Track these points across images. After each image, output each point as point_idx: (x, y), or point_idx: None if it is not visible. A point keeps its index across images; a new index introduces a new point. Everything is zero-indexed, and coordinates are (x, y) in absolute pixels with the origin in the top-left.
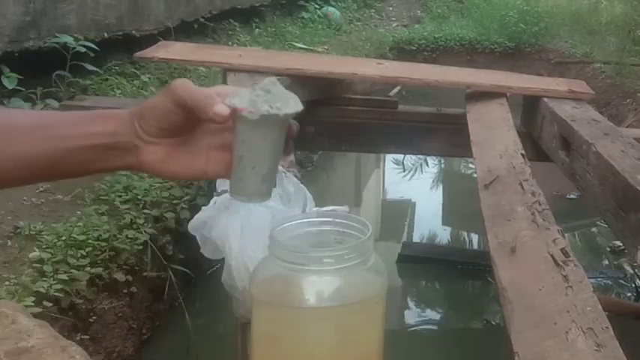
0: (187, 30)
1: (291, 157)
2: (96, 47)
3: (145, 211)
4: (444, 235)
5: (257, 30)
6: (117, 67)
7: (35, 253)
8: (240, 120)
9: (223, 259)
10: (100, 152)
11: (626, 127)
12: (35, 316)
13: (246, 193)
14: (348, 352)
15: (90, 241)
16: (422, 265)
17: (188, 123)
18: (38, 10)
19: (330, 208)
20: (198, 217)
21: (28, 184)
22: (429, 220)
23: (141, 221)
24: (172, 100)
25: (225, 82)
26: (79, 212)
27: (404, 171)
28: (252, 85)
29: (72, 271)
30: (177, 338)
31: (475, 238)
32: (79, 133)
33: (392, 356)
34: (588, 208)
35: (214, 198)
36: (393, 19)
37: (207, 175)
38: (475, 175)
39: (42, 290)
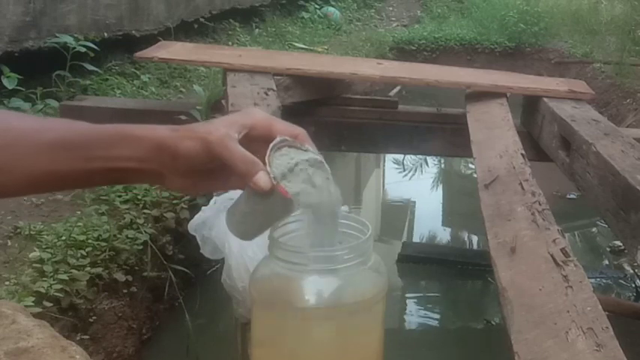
0: (187, 30)
1: None
2: (96, 47)
3: (145, 211)
4: (444, 235)
5: (257, 30)
6: (117, 67)
7: (35, 253)
8: (275, 193)
9: (223, 259)
10: (125, 173)
11: (626, 127)
12: (35, 316)
13: (244, 235)
14: (348, 352)
15: (90, 241)
16: (422, 265)
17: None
18: (38, 10)
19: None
20: (197, 217)
21: (42, 193)
22: (429, 220)
23: (141, 221)
24: (208, 155)
25: (225, 82)
26: (79, 212)
27: (404, 171)
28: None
29: (72, 271)
30: (177, 338)
31: (475, 238)
32: (104, 156)
33: (392, 356)
34: (588, 208)
35: (214, 198)
36: (393, 19)
37: (226, 188)
38: (475, 175)
39: (42, 290)
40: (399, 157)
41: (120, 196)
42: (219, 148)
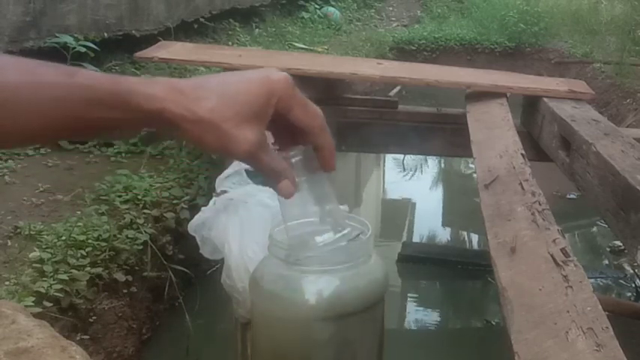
0: (187, 30)
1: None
2: (96, 47)
3: (145, 211)
4: (444, 235)
5: (257, 30)
6: (117, 67)
7: (35, 253)
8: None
9: (223, 259)
10: (136, 128)
11: (626, 127)
12: (35, 316)
13: None
14: (348, 351)
15: (90, 241)
16: (422, 265)
17: None
18: (38, 10)
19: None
20: (197, 218)
21: (38, 143)
22: (429, 220)
23: (141, 221)
24: (230, 155)
25: None
26: (79, 212)
27: (404, 171)
28: None
29: (72, 271)
30: (177, 338)
31: (475, 238)
32: (105, 117)
33: (392, 356)
34: (588, 208)
35: (214, 198)
36: (393, 19)
37: None
38: (475, 175)
39: (42, 290)
40: (399, 157)
41: (120, 196)
42: (246, 160)
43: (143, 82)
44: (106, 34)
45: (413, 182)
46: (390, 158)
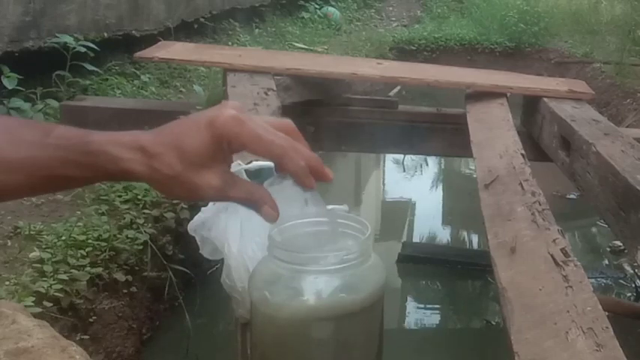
0: (187, 30)
1: None
2: (96, 47)
3: (145, 211)
4: (444, 235)
5: (257, 30)
6: (117, 67)
7: (35, 253)
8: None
9: (222, 259)
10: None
11: (626, 127)
12: (35, 316)
13: None
14: (347, 352)
15: (90, 241)
16: (422, 265)
17: None
18: (38, 10)
19: (330, 207)
20: (197, 218)
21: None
22: (429, 220)
23: (141, 221)
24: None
25: (225, 82)
26: (79, 212)
27: (404, 171)
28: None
29: (72, 271)
30: (177, 338)
31: (475, 238)
32: (87, 175)
33: (392, 356)
34: (588, 208)
35: None
36: (393, 19)
37: None
38: (475, 175)
39: (42, 290)
40: (399, 157)
41: (120, 196)
42: (218, 200)
43: (111, 140)
44: (106, 34)
45: (413, 182)
46: (390, 158)
